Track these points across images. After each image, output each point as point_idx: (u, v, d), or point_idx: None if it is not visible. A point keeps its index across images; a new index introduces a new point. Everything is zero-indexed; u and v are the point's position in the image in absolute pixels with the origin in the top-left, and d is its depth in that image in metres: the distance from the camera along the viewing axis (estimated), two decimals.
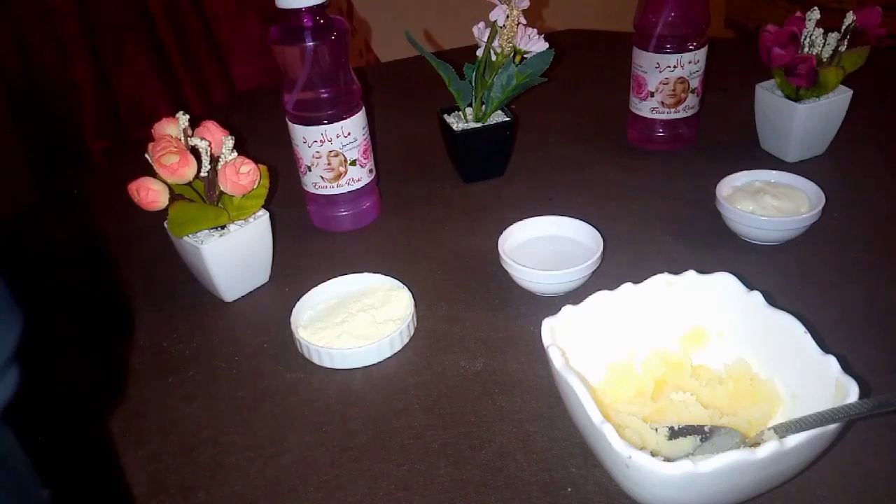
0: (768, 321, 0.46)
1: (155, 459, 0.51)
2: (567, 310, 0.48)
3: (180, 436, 0.53)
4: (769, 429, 0.39)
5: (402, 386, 0.56)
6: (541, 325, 0.46)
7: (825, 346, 0.43)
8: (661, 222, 0.72)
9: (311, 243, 0.75)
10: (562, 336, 0.46)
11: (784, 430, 0.37)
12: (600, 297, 0.49)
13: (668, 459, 0.36)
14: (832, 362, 0.41)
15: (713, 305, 0.49)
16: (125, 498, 0.49)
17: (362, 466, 0.49)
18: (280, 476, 0.49)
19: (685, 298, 0.50)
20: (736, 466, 0.35)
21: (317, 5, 0.65)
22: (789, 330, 0.44)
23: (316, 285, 0.64)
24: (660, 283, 0.49)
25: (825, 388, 0.40)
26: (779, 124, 0.79)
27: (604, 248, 0.62)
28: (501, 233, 0.66)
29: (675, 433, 0.42)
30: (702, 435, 0.42)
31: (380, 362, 0.58)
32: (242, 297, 0.67)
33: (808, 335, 0.43)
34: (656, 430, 0.43)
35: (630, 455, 0.36)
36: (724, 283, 0.49)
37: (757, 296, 0.47)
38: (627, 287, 0.49)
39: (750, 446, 0.37)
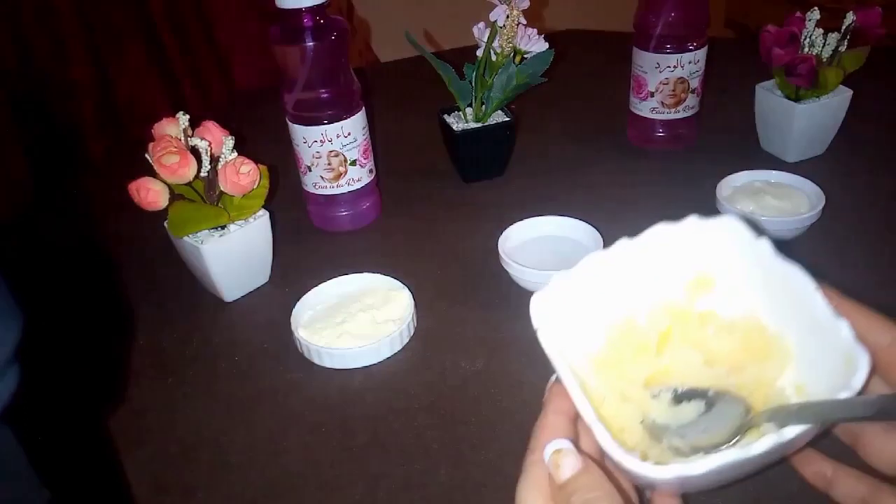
0: (776, 273, 0.41)
1: (155, 459, 0.51)
2: (558, 279, 0.43)
3: (180, 436, 0.53)
4: (768, 413, 0.37)
5: (402, 386, 0.56)
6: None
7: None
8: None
9: (311, 243, 0.75)
10: (555, 308, 0.42)
11: (784, 417, 0.35)
12: (593, 260, 0.44)
13: (668, 430, 0.35)
14: (843, 328, 0.36)
15: (719, 252, 0.44)
16: (125, 498, 0.49)
17: (362, 466, 0.49)
18: (280, 476, 0.49)
19: (688, 246, 0.45)
20: (730, 465, 0.34)
21: (317, 5, 0.65)
22: (799, 286, 0.40)
23: (316, 285, 0.64)
24: (658, 233, 0.45)
25: (835, 355, 0.36)
26: (779, 124, 0.79)
27: (604, 249, 0.62)
28: (501, 233, 0.66)
29: (678, 397, 0.40)
30: (706, 399, 0.40)
31: (380, 362, 0.58)
32: (242, 297, 0.67)
33: (820, 293, 0.38)
34: (658, 394, 0.40)
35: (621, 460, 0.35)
36: (729, 228, 0.44)
37: (765, 243, 0.42)
38: (623, 243, 0.45)
39: (753, 419, 0.36)
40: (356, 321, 0.59)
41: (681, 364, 0.42)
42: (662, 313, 0.45)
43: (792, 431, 0.33)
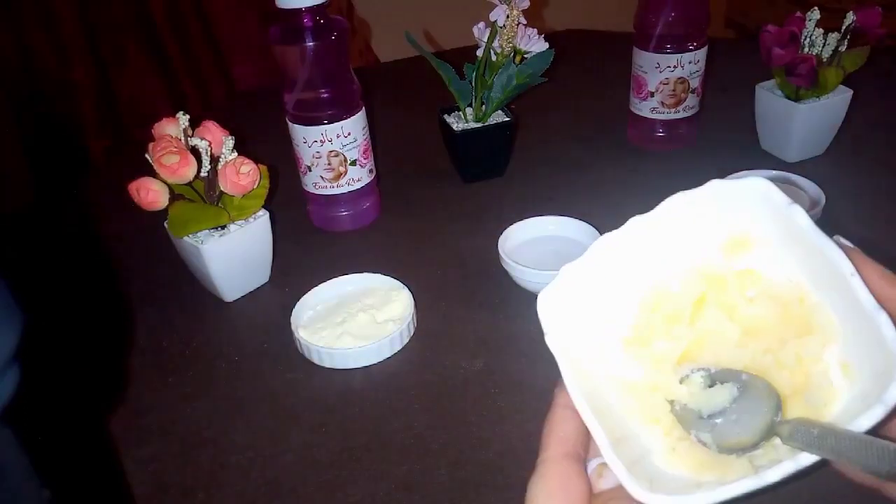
0: (812, 245, 0.37)
1: (155, 459, 0.51)
2: (567, 270, 0.39)
3: (180, 436, 0.53)
4: (791, 427, 0.35)
5: (402, 386, 0.56)
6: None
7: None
8: None
9: (311, 243, 0.75)
10: (568, 302, 0.39)
11: (804, 438, 0.32)
12: (606, 241, 0.40)
13: (699, 418, 0.35)
14: (884, 324, 0.32)
15: (749, 215, 0.40)
16: (125, 498, 0.49)
17: (362, 466, 0.49)
18: (280, 476, 0.49)
19: (713, 211, 0.41)
20: (744, 494, 0.33)
21: (317, 5, 0.65)
22: (836, 265, 0.35)
23: (316, 285, 0.64)
24: (677, 203, 0.41)
25: (877, 348, 0.32)
26: (779, 124, 0.79)
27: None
28: (501, 233, 0.66)
29: (711, 378, 0.38)
30: (739, 383, 0.37)
31: (380, 362, 0.58)
32: (242, 297, 0.67)
33: (857, 278, 0.34)
34: (690, 374, 0.38)
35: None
36: (758, 190, 0.39)
37: (798, 211, 0.37)
38: (636, 220, 0.40)
39: (780, 424, 0.35)
40: (356, 321, 0.59)
41: (715, 339, 0.38)
42: (696, 278, 0.40)
43: (808, 459, 0.31)
